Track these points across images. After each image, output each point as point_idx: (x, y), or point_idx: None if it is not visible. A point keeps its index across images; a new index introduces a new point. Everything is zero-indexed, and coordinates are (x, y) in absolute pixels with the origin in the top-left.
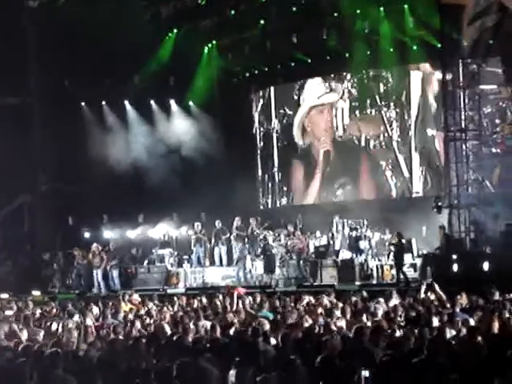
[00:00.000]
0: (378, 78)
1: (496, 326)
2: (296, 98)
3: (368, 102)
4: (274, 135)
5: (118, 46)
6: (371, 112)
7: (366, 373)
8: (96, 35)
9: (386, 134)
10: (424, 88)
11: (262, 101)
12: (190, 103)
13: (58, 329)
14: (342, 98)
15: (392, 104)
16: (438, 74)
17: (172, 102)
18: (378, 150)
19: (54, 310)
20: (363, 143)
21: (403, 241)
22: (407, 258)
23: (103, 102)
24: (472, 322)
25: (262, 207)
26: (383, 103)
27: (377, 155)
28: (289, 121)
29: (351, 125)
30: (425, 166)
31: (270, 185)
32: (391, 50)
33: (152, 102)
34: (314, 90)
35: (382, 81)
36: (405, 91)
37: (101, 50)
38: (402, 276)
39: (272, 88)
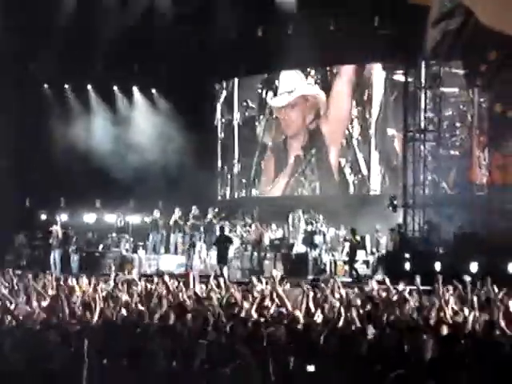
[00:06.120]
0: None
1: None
2: (259, 91)
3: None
4: (236, 127)
5: (83, 30)
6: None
7: (311, 367)
8: (60, 22)
9: (347, 132)
10: (386, 87)
11: (225, 92)
12: (153, 91)
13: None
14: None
15: (354, 102)
16: (401, 75)
17: (135, 89)
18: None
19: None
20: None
21: (357, 237)
22: (360, 255)
23: (66, 85)
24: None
25: (219, 198)
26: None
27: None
28: (250, 114)
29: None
30: (383, 165)
31: (229, 176)
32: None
33: (115, 88)
34: (295, 81)
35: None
36: (367, 90)
37: (65, 35)
38: (353, 272)
39: (236, 80)
